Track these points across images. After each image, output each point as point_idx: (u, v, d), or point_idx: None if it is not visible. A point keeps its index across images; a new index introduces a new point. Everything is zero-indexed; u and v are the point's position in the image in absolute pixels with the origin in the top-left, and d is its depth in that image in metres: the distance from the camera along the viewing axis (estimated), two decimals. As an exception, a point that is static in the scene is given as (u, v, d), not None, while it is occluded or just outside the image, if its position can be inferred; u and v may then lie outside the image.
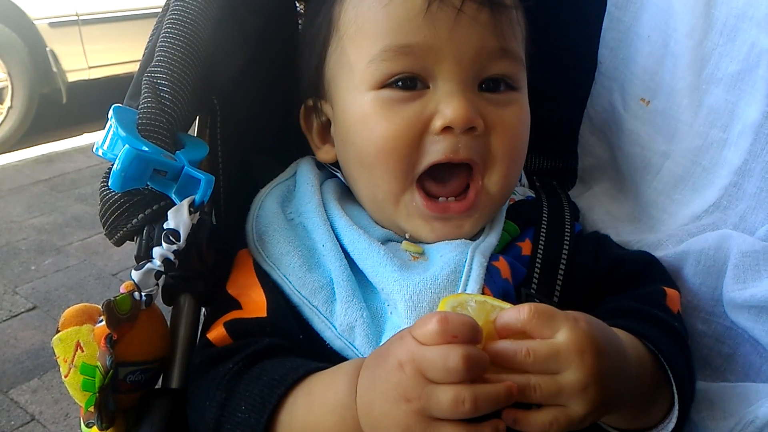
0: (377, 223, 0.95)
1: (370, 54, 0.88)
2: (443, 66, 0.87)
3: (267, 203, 0.96)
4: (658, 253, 0.98)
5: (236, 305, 0.88)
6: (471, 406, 0.60)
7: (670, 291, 0.91)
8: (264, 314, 0.85)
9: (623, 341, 0.73)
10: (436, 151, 0.86)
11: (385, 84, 0.88)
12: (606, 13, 1.14)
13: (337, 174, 1.00)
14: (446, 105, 0.85)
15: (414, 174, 0.89)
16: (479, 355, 0.62)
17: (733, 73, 0.97)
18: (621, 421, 0.80)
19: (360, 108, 0.90)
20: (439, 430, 0.62)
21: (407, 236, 0.92)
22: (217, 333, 0.84)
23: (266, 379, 0.76)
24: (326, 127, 1.00)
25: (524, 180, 1.13)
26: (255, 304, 0.87)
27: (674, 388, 0.79)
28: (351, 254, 0.89)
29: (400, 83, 0.88)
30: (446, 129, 0.85)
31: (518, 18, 0.93)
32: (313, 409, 0.72)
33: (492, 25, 0.88)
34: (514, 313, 0.66)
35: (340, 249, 0.89)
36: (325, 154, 1.00)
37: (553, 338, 0.64)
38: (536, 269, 0.90)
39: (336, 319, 0.84)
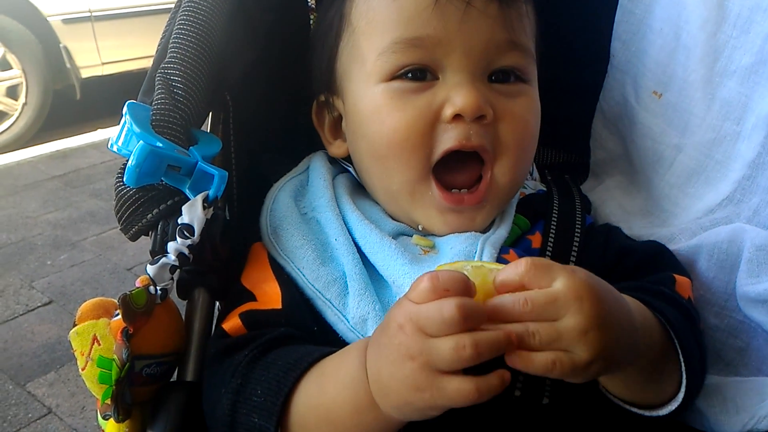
0: (390, 217, 0.95)
1: (380, 47, 0.89)
2: (452, 58, 0.87)
3: (281, 197, 0.97)
4: (671, 247, 0.98)
5: (251, 297, 0.89)
6: (472, 351, 0.61)
7: (680, 278, 0.91)
8: (279, 306, 0.86)
9: (628, 302, 0.73)
10: (448, 138, 0.87)
11: (395, 76, 0.89)
12: (618, 5, 1.13)
13: (349, 169, 1.01)
14: (456, 94, 0.86)
15: (429, 164, 0.89)
16: (473, 304, 0.63)
17: (746, 65, 0.96)
18: (629, 391, 0.80)
19: (371, 100, 0.91)
20: (446, 383, 0.62)
21: (420, 228, 0.93)
22: (232, 323, 0.85)
23: (281, 364, 0.77)
24: (338, 123, 1.01)
25: (535, 174, 1.13)
26: (269, 296, 0.87)
27: (680, 356, 0.79)
28: (363, 248, 0.89)
29: (410, 74, 0.89)
30: (457, 117, 0.86)
31: (528, 12, 0.94)
32: (326, 389, 0.73)
33: (501, 18, 0.89)
34: (512, 268, 0.66)
35: (352, 243, 0.90)
36: (336, 149, 1.01)
37: (551, 287, 0.65)
38: None
39: (349, 312, 0.85)
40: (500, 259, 0.85)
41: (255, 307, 0.87)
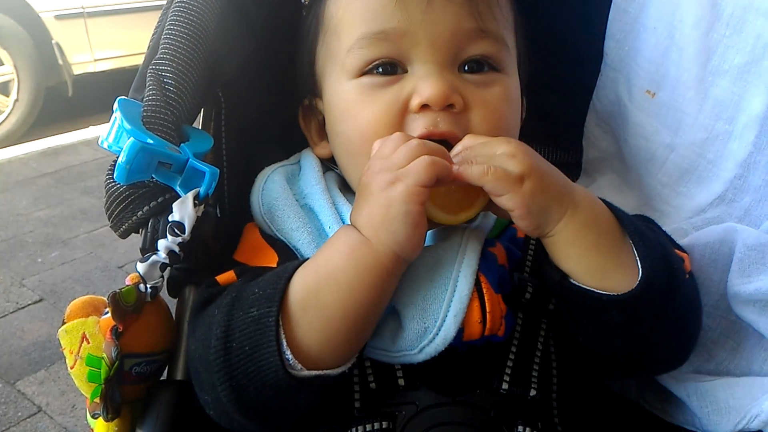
0: None
1: (348, 43, 0.90)
2: (419, 49, 0.87)
3: (275, 177, 0.97)
4: (664, 246, 0.98)
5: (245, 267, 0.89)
6: (418, 141, 0.78)
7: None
8: (274, 265, 0.86)
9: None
10: (416, 127, 0.86)
11: (365, 71, 0.90)
12: (612, 4, 1.13)
13: (336, 170, 1.01)
14: (423, 84, 0.86)
15: None
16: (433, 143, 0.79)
17: (739, 64, 0.96)
18: (592, 274, 0.80)
19: (343, 98, 0.92)
20: (405, 169, 0.75)
21: None
22: (226, 276, 0.85)
23: (278, 269, 0.80)
24: (323, 125, 1.01)
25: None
26: (265, 260, 0.88)
27: (629, 237, 0.81)
28: None
29: (379, 69, 0.89)
30: (425, 107, 0.86)
31: (501, 1, 0.93)
32: (321, 253, 0.79)
33: (467, 6, 0.88)
34: (457, 146, 0.81)
35: None
36: (322, 149, 1.01)
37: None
38: (530, 251, 0.91)
39: None
40: (487, 252, 0.85)
41: (250, 265, 0.88)
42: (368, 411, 0.82)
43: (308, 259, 0.80)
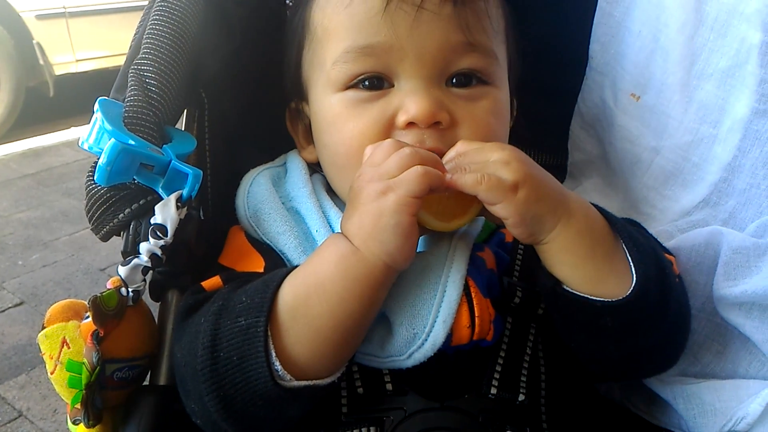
0: None
1: (334, 55, 0.88)
2: (405, 64, 0.86)
3: (260, 180, 0.95)
4: (648, 249, 0.98)
5: (231, 271, 0.88)
6: (410, 150, 0.76)
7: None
8: (261, 271, 0.86)
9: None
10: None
11: (350, 85, 0.88)
12: (597, 7, 1.14)
13: (322, 173, 1.00)
14: (409, 101, 0.85)
15: None
16: (425, 151, 0.78)
17: (723, 68, 0.97)
18: (585, 281, 0.80)
19: (329, 110, 0.91)
20: (397, 179, 0.74)
21: None
22: (212, 282, 0.84)
23: (266, 276, 0.79)
24: (310, 129, 1.00)
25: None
26: (252, 264, 0.87)
27: (623, 244, 0.81)
28: None
29: (366, 82, 0.88)
30: (411, 124, 0.85)
31: (489, 10, 0.91)
32: (310, 263, 0.78)
33: (456, 19, 0.86)
34: (451, 151, 0.80)
35: None
36: (309, 154, 1.00)
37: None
38: (518, 255, 0.90)
39: None
40: (475, 257, 0.85)
41: (236, 270, 0.87)
42: (356, 416, 0.81)
43: (297, 266, 0.79)
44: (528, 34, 1.01)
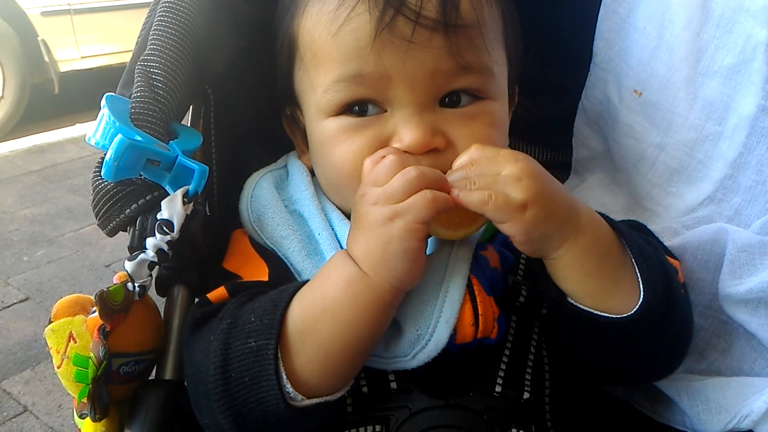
0: None
1: (324, 83, 0.87)
2: (397, 91, 0.84)
3: (263, 185, 0.95)
4: (654, 246, 0.98)
5: (236, 278, 0.88)
6: (416, 171, 0.74)
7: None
8: (266, 279, 0.86)
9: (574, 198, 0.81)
10: None
11: (341, 111, 0.87)
12: (602, 4, 1.13)
13: None
14: (403, 129, 0.83)
15: None
16: (410, 156, 0.77)
17: (729, 65, 0.97)
18: (591, 296, 0.79)
19: (321, 134, 0.90)
20: (406, 203, 0.73)
21: None
22: (217, 293, 0.84)
23: (273, 294, 0.78)
24: (306, 134, 0.99)
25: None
26: (255, 272, 0.87)
27: (630, 252, 0.80)
28: (343, 246, 0.88)
29: (356, 108, 0.86)
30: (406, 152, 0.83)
31: (484, 26, 0.87)
32: (318, 285, 0.77)
33: (447, 46, 0.83)
34: (464, 154, 0.79)
35: (335, 239, 0.89)
36: (308, 159, 0.99)
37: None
38: (523, 254, 0.90)
39: None
40: (479, 256, 0.85)
41: (241, 280, 0.87)
42: (360, 414, 0.81)
43: (304, 283, 0.78)
44: (532, 30, 1.01)
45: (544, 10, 1.14)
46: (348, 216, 0.90)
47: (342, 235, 0.89)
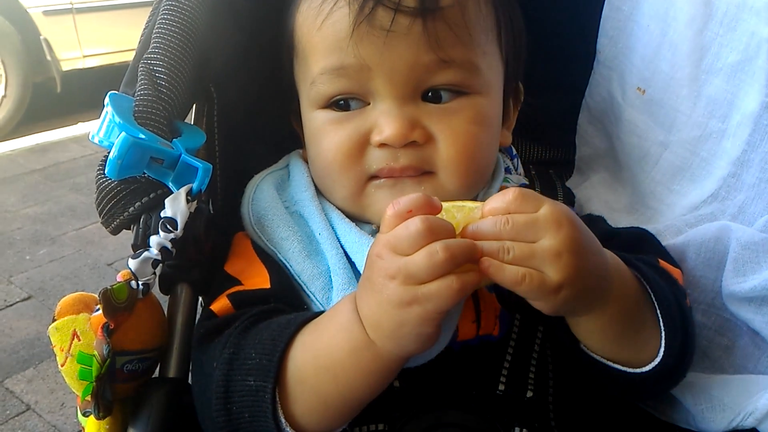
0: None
1: (311, 76, 0.90)
2: (378, 83, 0.85)
3: (263, 187, 0.96)
4: (658, 244, 0.98)
5: (237, 282, 0.88)
6: (444, 254, 0.65)
7: (669, 267, 0.90)
8: (267, 286, 0.86)
9: (605, 251, 0.75)
10: (377, 158, 0.86)
11: (327, 104, 0.89)
12: (605, 1, 1.13)
13: None
14: (382, 122, 0.84)
15: (365, 181, 0.88)
16: (437, 218, 0.68)
17: (732, 63, 0.96)
18: (608, 347, 0.79)
19: (311, 125, 0.93)
20: (427, 288, 0.65)
21: (375, 228, 0.91)
22: (220, 304, 0.84)
23: (274, 326, 0.77)
24: None
25: (520, 168, 1.12)
26: (257, 279, 0.87)
27: (656, 304, 0.79)
28: (344, 246, 0.88)
29: (341, 102, 0.89)
30: (384, 144, 0.85)
31: (467, 16, 0.86)
32: (322, 337, 0.74)
33: (426, 37, 0.83)
34: (500, 197, 0.70)
35: (335, 239, 0.89)
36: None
37: (535, 212, 0.68)
38: None
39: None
40: None
41: (243, 289, 0.86)
42: (364, 413, 0.81)
43: (306, 320, 0.76)
44: (535, 28, 1.01)
45: (548, 8, 1.14)
46: (348, 216, 0.90)
47: (342, 234, 0.89)
